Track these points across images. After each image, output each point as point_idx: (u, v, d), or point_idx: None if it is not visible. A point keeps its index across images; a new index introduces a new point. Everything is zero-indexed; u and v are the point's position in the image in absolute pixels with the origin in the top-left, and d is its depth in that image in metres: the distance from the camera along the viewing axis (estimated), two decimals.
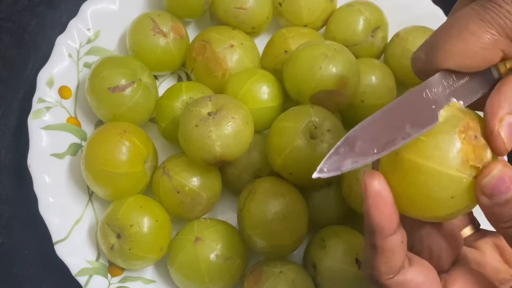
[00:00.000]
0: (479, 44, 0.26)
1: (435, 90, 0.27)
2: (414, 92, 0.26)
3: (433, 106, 0.26)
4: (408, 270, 0.28)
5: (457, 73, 0.27)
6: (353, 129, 0.25)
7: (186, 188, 0.43)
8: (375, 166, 0.29)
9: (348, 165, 0.25)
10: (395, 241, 0.27)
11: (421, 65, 0.28)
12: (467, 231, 0.33)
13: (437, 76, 0.27)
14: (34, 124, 0.45)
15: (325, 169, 0.24)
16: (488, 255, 0.31)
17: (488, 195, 0.24)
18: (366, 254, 0.28)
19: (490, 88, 0.27)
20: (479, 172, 0.25)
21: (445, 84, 0.27)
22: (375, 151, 0.25)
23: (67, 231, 0.43)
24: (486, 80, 0.27)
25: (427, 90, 0.26)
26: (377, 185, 0.26)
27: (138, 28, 0.48)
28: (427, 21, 0.50)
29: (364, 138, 0.25)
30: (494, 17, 0.26)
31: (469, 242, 0.32)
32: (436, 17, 0.52)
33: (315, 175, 0.24)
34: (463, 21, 0.26)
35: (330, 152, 0.25)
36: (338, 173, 0.25)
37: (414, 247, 0.30)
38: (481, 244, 0.32)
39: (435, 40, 0.27)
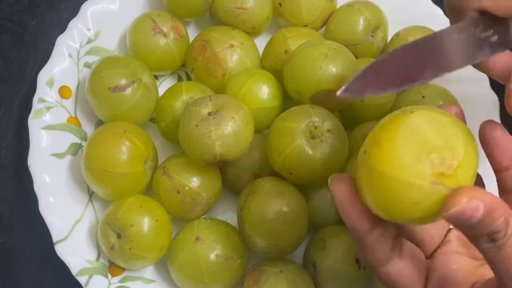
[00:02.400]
0: None
1: (461, 36, 0.27)
2: (444, 32, 0.26)
3: (454, 55, 0.26)
4: (397, 261, 0.29)
5: (485, 22, 0.27)
6: (381, 56, 0.25)
7: (186, 188, 0.43)
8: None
9: (371, 90, 0.25)
10: (374, 237, 0.28)
11: (456, 2, 0.28)
12: None
13: (465, 21, 0.27)
14: (34, 124, 0.45)
15: (350, 89, 0.24)
16: None
17: (452, 222, 0.25)
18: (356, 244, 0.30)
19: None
20: (443, 180, 0.24)
21: (471, 31, 0.27)
22: (398, 83, 0.25)
23: (67, 231, 0.44)
24: (509, 38, 0.28)
25: (455, 33, 0.26)
26: (343, 190, 0.27)
27: (138, 28, 0.48)
28: (427, 21, 0.51)
29: (389, 68, 0.25)
30: None
31: None
32: (436, 17, 0.52)
33: (339, 93, 0.24)
34: None
35: (357, 74, 0.25)
36: (361, 95, 0.25)
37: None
38: None
39: None
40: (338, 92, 0.24)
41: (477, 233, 0.25)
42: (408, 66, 0.25)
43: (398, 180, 0.24)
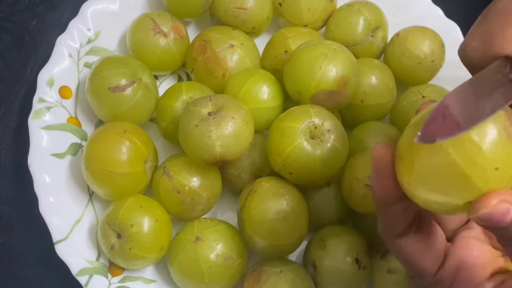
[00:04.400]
0: None
1: (496, 78, 0.26)
2: (473, 81, 0.26)
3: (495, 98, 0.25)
4: (410, 237, 0.29)
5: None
6: (444, 98, 0.25)
7: (186, 188, 0.43)
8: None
9: (443, 135, 0.24)
10: (397, 210, 0.28)
11: (476, 55, 0.28)
12: None
13: (492, 67, 0.26)
14: (34, 124, 0.45)
15: (424, 137, 0.24)
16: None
17: (479, 224, 0.24)
18: (376, 212, 0.29)
19: None
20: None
21: (501, 75, 0.26)
22: (462, 125, 0.24)
23: (68, 230, 0.44)
24: None
25: (489, 76, 0.26)
26: (385, 156, 0.27)
27: (138, 28, 0.48)
28: (427, 21, 0.51)
29: (454, 109, 0.25)
30: None
31: None
32: (436, 17, 0.52)
33: (416, 140, 0.24)
34: None
35: (426, 121, 0.24)
36: (433, 142, 0.24)
37: None
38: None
39: (491, 29, 0.27)
40: (415, 140, 0.24)
41: (506, 237, 0.25)
42: (467, 106, 0.25)
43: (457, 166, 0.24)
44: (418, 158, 0.25)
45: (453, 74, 0.51)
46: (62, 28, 0.49)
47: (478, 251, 0.30)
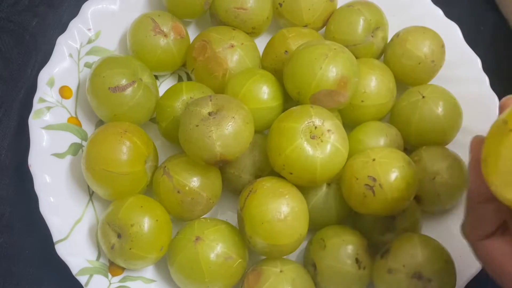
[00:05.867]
0: None
1: None
2: None
3: None
4: (497, 239, 0.28)
5: None
6: None
7: (187, 188, 0.43)
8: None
9: None
10: (486, 209, 0.27)
11: None
12: None
13: None
14: (34, 124, 0.45)
15: None
16: None
17: None
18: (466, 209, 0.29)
19: None
20: None
21: None
22: None
23: (68, 230, 0.44)
24: None
25: None
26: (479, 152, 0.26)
27: (138, 28, 0.48)
28: (427, 21, 0.51)
29: None
30: None
31: None
32: (436, 17, 0.52)
33: None
34: None
35: None
36: None
37: None
38: None
39: None
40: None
41: None
42: None
43: None
44: (503, 157, 0.24)
45: (453, 74, 0.51)
46: (62, 28, 0.49)
47: None
